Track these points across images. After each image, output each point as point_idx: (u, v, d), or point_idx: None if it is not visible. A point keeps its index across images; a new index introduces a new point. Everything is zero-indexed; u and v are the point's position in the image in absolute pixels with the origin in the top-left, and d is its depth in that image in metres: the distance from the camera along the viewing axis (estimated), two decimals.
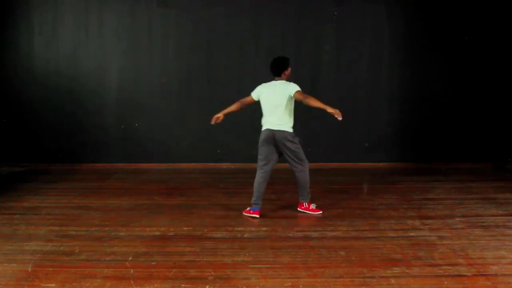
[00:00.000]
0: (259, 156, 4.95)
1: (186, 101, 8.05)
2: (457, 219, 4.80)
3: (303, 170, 4.91)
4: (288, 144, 4.80)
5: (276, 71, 4.92)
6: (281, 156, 4.99)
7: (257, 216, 4.88)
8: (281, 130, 4.79)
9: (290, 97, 4.78)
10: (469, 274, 3.39)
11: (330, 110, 4.44)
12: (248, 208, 5.00)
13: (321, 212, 5.03)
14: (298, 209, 5.11)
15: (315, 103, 4.57)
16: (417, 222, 4.69)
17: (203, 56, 7.98)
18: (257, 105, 5.02)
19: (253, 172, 7.30)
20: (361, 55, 8.05)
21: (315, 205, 5.14)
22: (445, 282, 3.25)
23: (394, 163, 8.03)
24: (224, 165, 8.03)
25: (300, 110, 4.94)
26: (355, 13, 7.97)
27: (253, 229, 4.50)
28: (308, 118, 7.58)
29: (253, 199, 4.95)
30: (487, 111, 8.07)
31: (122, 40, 7.97)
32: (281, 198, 5.72)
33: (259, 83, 5.06)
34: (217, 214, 5.06)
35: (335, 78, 8.01)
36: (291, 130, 4.85)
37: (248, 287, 3.20)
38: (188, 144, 8.09)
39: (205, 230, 4.46)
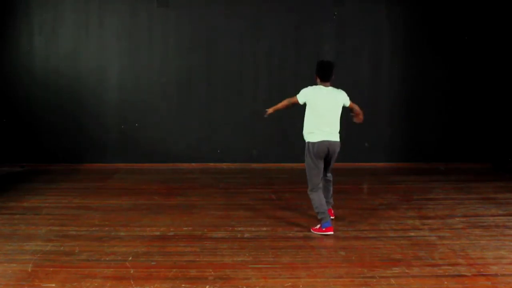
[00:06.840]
0: (314, 175, 4.36)
1: (186, 101, 8.05)
2: (457, 219, 4.80)
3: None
4: (337, 154, 4.49)
5: (329, 76, 4.53)
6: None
7: (332, 232, 4.30)
8: (337, 141, 4.43)
9: (343, 106, 4.56)
10: (469, 274, 3.39)
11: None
12: (318, 226, 4.39)
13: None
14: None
15: (356, 107, 4.71)
16: (417, 222, 4.68)
17: (203, 56, 7.98)
18: (256, 105, 4.96)
19: (253, 172, 7.27)
20: (361, 55, 8.05)
21: None
22: (445, 282, 3.25)
23: (394, 163, 8.03)
24: (224, 165, 8.03)
25: (299, 109, 4.91)
26: (355, 13, 7.97)
27: (253, 229, 4.49)
28: None
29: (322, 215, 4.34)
30: (487, 111, 8.07)
31: (122, 40, 7.97)
32: (281, 198, 5.72)
33: (259, 83, 4.99)
34: (217, 214, 5.05)
35: (335, 78, 7.99)
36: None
37: (248, 287, 3.19)
38: (188, 144, 8.09)
39: (205, 230, 4.45)
